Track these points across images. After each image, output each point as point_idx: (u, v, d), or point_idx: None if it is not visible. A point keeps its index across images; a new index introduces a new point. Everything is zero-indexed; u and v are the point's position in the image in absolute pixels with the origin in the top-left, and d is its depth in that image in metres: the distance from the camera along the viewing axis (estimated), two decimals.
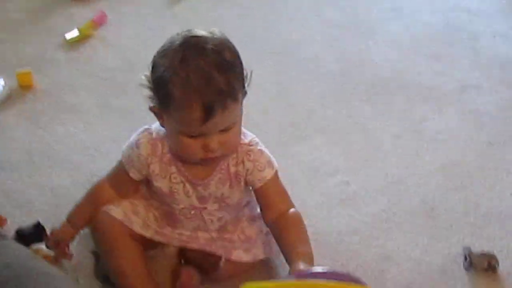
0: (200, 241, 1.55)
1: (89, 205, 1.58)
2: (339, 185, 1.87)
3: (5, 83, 2.15)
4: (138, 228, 1.52)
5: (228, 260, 1.53)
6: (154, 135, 1.48)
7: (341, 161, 1.96)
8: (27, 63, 2.29)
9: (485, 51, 2.50)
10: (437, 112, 2.17)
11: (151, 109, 1.43)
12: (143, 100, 2.10)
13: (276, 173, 1.51)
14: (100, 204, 1.55)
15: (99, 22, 2.53)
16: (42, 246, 1.56)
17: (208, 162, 1.43)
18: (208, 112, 1.30)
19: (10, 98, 2.13)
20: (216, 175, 1.47)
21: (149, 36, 2.44)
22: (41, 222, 1.64)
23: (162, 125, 1.44)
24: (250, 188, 1.52)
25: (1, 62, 2.32)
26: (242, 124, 1.45)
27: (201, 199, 1.50)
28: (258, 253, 1.57)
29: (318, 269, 1.27)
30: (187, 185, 1.48)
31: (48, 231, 1.62)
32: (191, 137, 1.36)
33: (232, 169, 1.47)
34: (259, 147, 1.48)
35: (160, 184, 1.49)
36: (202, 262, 1.53)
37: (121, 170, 1.54)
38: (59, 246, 1.56)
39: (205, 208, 1.51)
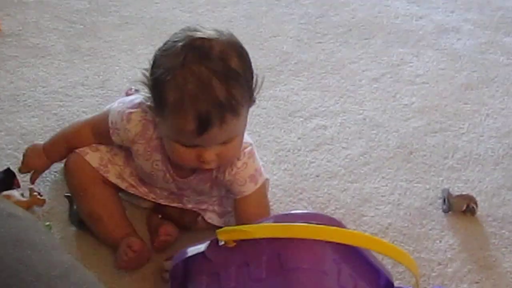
0: (175, 204, 1.51)
1: (65, 142, 1.52)
2: (316, 129, 1.84)
3: None
4: (113, 178, 1.47)
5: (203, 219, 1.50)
6: (148, 114, 1.35)
7: (318, 105, 1.93)
8: None
9: None
10: (415, 55, 2.15)
11: (147, 107, 1.32)
12: (113, 43, 2.07)
13: (260, 187, 1.40)
14: (77, 144, 1.49)
15: None
16: (13, 192, 1.52)
17: (200, 171, 1.36)
18: (203, 125, 1.19)
19: None
20: (198, 175, 1.39)
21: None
22: (11, 168, 1.59)
23: (164, 137, 1.32)
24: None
25: None
26: None
27: (180, 188, 1.44)
28: (231, 221, 1.48)
29: (297, 212, 1.25)
30: (168, 176, 1.40)
31: (18, 178, 1.58)
32: (185, 146, 1.26)
33: (214, 173, 1.38)
34: (244, 161, 1.36)
35: (141, 163, 1.41)
36: (180, 217, 1.50)
37: (105, 123, 1.42)
38: (33, 176, 1.52)
39: (182, 195, 1.47)
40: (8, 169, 1.58)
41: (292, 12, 2.32)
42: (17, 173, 1.58)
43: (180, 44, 1.22)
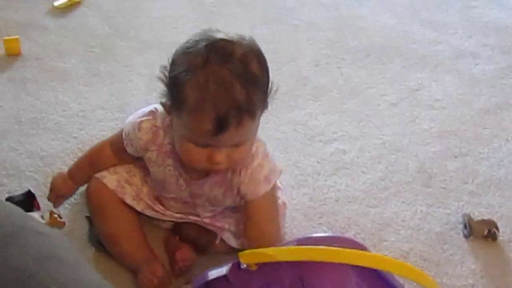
0: (192, 216, 1.51)
1: (89, 163, 1.54)
2: (335, 153, 1.84)
3: None
4: (130, 199, 1.48)
5: (221, 240, 1.50)
6: (158, 121, 1.38)
7: (337, 129, 1.92)
8: (15, 30, 2.23)
9: (481, 18, 2.48)
10: (433, 79, 2.15)
11: (162, 104, 1.32)
12: (132, 67, 2.08)
13: (272, 188, 1.40)
14: (99, 166, 1.51)
15: None
16: (33, 214, 1.52)
17: (210, 172, 1.36)
18: (221, 126, 1.20)
19: None
20: (212, 177, 1.38)
21: (138, 2, 2.40)
22: (32, 190, 1.60)
23: (176, 136, 1.33)
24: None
25: None
26: None
27: (193, 195, 1.44)
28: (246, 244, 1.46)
29: (319, 235, 1.24)
30: (181, 180, 1.41)
31: (39, 200, 1.58)
32: (198, 145, 1.26)
33: (228, 176, 1.37)
34: (258, 161, 1.36)
35: (155, 171, 1.43)
36: (198, 238, 1.49)
37: (121, 138, 1.47)
38: (58, 200, 1.54)
39: (195, 203, 1.46)
40: (29, 191, 1.59)
41: (310, 36, 2.33)
42: (37, 195, 1.59)
43: (203, 44, 1.22)
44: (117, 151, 1.51)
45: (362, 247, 1.17)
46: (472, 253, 1.59)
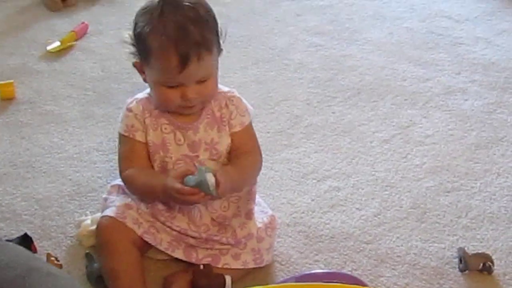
0: (190, 241, 1.53)
1: (146, 176, 1.54)
2: (329, 191, 1.85)
3: None
4: (130, 223, 1.50)
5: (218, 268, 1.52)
6: (139, 97, 1.57)
7: (330, 166, 1.94)
8: (9, 74, 2.25)
9: (468, 55, 2.52)
10: (423, 116, 2.17)
11: (134, 65, 1.53)
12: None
13: (250, 122, 1.61)
14: (147, 171, 1.56)
15: (80, 32, 2.51)
16: None
17: (186, 110, 1.51)
18: (183, 61, 1.40)
19: None
20: (204, 119, 1.55)
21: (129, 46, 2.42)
22: (28, 233, 1.60)
23: (144, 80, 1.52)
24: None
25: None
26: None
27: (192, 146, 1.54)
28: (247, 261, 1.55)
29: (318, 271, 1.25)
30: (178, 133, 1.54)
31: (35, 243, 1.59)
32: (170, 87, 1.46)
33: (217, 113, 1.56)
34: (237, 95, 1.59)
35: (152, 137, 1.54)
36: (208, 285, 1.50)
37: (126, 147, 1.56)
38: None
39: (197, 156, 1.54)
40: (25, 234, 1.59)
41: (301, 76, 2.36)
42: (33, 238, 1.59)
43: (156, 1, 1.45)
44: (132, 162, 1.55)
45: (361, 283, 1.18)
46: (468, 287, 1.59)
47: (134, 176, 1.53)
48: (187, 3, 1.44)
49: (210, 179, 1.41)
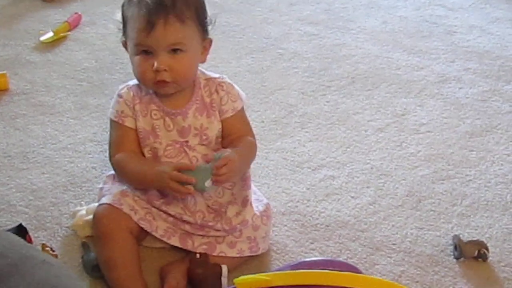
0: (186, 228, 1.54)
1: (137, 162, 1.54)
2: (324, 180, 1.86)
3: None
4: (127, 209, 1.50)
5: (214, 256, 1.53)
6: (130, 84, 1.58)
7: (325, 155, 1.94)
8: (2, 65, 2.24)
9: (462, 44, 2.52)
10: (418, 104, 2.18)
11: (122, 43, 1.56)
12: None
13: (243, 107, 1.60)
14: (136, 157, 1.56)
15: (73, 23, 2.50)
16: None
17: (160, 87, 1.50)
18: (150, 22, 1.43)
19: None
20: (193, 105, 1.55)
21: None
22: (23, 224, 1.60)
23: (130, 57, 1.53)
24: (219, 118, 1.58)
25: None
26: None
27: (182, 132, 1.55)
28: (243, 249, 1.55)
29: (313, 259, 1.25)
30: (167, 119, 1.55)
31: (30, 233, 1.58)
32: (142, 55, 1.47)
33: (207, 100, 1.56)
34: (228, 81, 1.59)
35: (142, 123, 1.55)
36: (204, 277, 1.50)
37: (117, 132, 1.57)
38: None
39: (187, 142, 1.55)
40: (20, 225, 1.59)
41: (296, 65, 2.36)
42: (28, 229, 1.59)
43: None
44: (121, 147, 1.56)
45: (356, 270, 1.18)
46: (463, 274, 1.60)
47: (124, 161, 1.54)
48: None
49: (207, 175, 1.41)
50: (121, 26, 1.53)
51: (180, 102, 1.55)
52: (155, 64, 1.45)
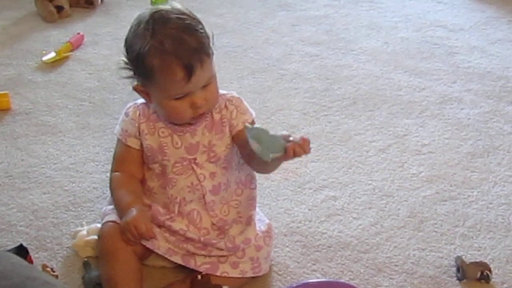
0: (188, 248, 1.53)
1: (128, 191, 1.56)
2: (326, 200, 1.85)
3: None
4: None
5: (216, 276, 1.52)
6: (138, 103, 1.59)
7: (327, 176, 1.94)
8: (4, 85, 2.25)
9: (464, 65, 2.53)
10: (420, 125, 2.17)
11: (134, 88, 1.52)
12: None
13: (253, 118, 1.62)
14: (136, 185, 1.59)
15: (76, 43, 2.51)
16: None
17: (197, 119, 1.52)
18: (189, 71, 1.41)
19: None
20: (202, 122, 1.55)
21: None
22: (24, 244, 1.59)
23: (149, 101, 1.53)
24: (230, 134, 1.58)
25: None
26: None
27: (190, 149, 1.55)
28: (245, 269, 1.55)
29: (317, 280, 1.25)
30: (175, 137, 1.55)
31: (31, 254, 1.58)
32: (178, 99, 1.45)
33: (216, 116, 1.56)
34: (236, 95, 1.61)
35: (150, 141, 1.55)
36: None
37: (120, 150, 1.60)
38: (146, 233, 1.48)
39: (195, 159, 1.55)
40: (21, 245, 1.58)
41: (297, 86, 2.36)
42: (29, 249, 1.58)
43: (144, 21, 1.45)
44: (121, 166, 1.60)
45: None
46: None
47: (118, 181, 1.57)
48: (173, 15, 1.45)
49: (275, 148, 1.44)
50: (127, 68, 1.50)
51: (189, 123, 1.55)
52: (195, 104, 1.46)
